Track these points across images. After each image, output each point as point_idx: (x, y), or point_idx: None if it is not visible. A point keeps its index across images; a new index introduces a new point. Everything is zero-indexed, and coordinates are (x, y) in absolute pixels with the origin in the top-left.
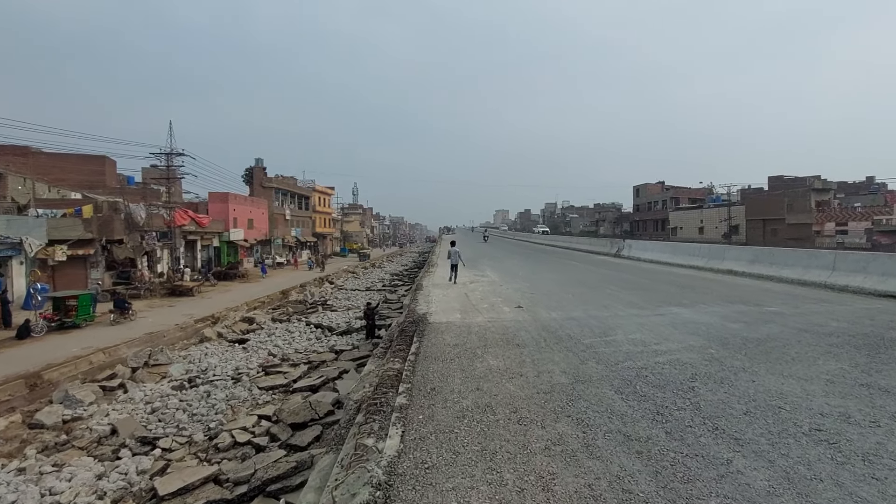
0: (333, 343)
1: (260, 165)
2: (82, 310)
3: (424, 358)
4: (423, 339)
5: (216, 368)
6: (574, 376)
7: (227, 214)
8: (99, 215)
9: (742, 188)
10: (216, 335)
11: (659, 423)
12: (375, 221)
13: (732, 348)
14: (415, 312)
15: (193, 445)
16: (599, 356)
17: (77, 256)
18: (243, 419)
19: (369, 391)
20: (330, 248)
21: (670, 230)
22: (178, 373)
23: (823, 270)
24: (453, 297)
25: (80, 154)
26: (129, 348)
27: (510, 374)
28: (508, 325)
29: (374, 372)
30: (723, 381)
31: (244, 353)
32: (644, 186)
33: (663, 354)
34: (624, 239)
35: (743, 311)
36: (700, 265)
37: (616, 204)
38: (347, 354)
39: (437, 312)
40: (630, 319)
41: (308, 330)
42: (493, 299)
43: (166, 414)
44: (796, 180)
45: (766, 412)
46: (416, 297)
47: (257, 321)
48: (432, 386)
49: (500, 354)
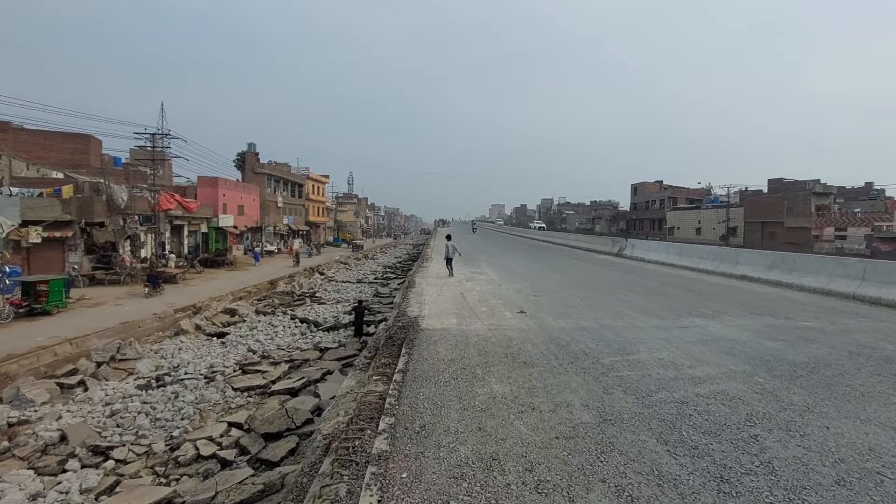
0: (319, 340)
1: (252, 150)
2: (53, 296)
3: (414, 378)
4: (414, 350)
5: (189, 366)
6: (600, 412)
7: (217, 200)
8: (79, 196)
9: (740, 190)
10: (194, 328)
11: (728, 497)
12: (370, 212)
13: (783, 376)
14: (405, 315)
15: (152, 457)
16: (626, 383)
17: (54, 239)
18: (211, 427)
19: (343, 423)
20: (323, 237)
21: (667, 230)
22: (146, 369)
23: (851, 280)
24: (448, 298)
25: (63, 132)
26: (100, 339)
27: (519, 407)
28: (512, 336)
29: (352, 393)
30: (789, 427)
31: (222, 349)
32: (642, 185)
33: (703, 383)
34: (626, 238)
35: (776, 326)
36: (710, 269)
37: (612, 202)
38: (333, 353)
39: (430, 316)
40: (651, 332)
41: (293, 324)
42: (493, 301)
43: (126, 418)
44: (796, 183)
45: (865, 481)
46: (407, 296)
47: (240, 313)
48: (422, 422)
49: (504, 376)
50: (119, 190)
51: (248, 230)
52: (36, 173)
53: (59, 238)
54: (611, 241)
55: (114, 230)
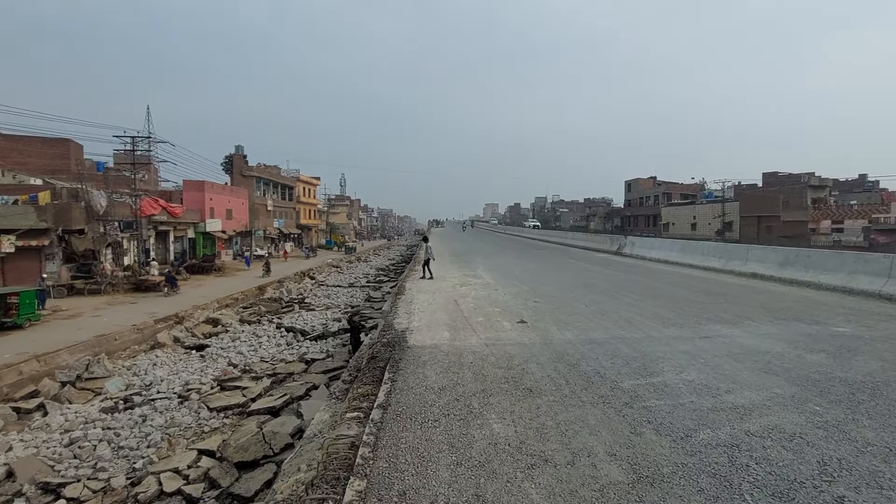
0: (305, 350)
1: (240, 153)
2: (24, 308)
3: (396, 416)
4: (398, 374)
5: (162, 383)
6: (632, 465)
7: (203, 204)
8: (55, 203)
9: (734, 184)
10: (172, 340)
11: None
12: (363, 213)
13: (842, 402)
14: (392, 328)
15: (109, 494)
16: (656, 417)
17: (30, 248)
18: (180, 456)
19: (303, 485)
20: (315, 240)
21: (662, 226)
22: (115, 389)
23: (876, 277)
24: (440, 306)
25: (41, 137)
26: (71, 354)
27: (528, 459)
28: (513, 353)
29: (320, 437)
30: (879, 482)
31: (201, 363)
32: (636, 181)
33: (750, 416)
34: (626, 235)
35: (809, 334)
36: (717, 266)
37: (606, 199)
38: (320, 365)
39: (419, 329)
40: (671, 345)
41: (278, 334)
42: (490, 309)
43: (85, 448)
44: (791, 177)
45: None
46: (396, 305)
47: (223, 322)
48: (402, 486)
49: (507, 410)
50: (98, 196)
51: (237, 235)
52: (12, 180)
53: (36, 247)
54: (609, 238)
55: (93, 237)
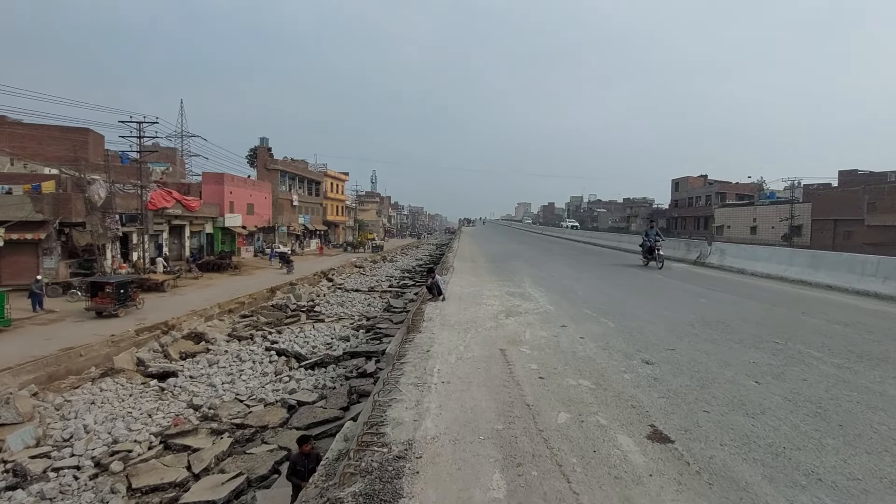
0: (294, 387)
1: (264, 145)
2: None
3: None
4: None
5: (86, 437)
6: None
7: (223, 197)
8: (53, 193)
9: (801, 183)
10: (134, 364)
11: None
12: (393, 211)
13: None
14: (381, 441)
15: None
16: None
17: (25, 241)
18: None
19: None
20: (342, 237)
21: (715, 228)
22: (18, 445)
23: None
24: (477, 365)
25: (60, 125)
26: (15, 377)
27: None
28: None
29: None
30: None
31: (154, 402)
32: (684, 180)
33: None
34: (709, 241)
35: None
36: (883, 292)
37: (647, 199)
38: (306, 413)
39: (435, 452)
40: None
41: (266, 358)
42: (570, 382)
43: None
44: (873, 175)
45: None
46: (402, 357)
47: (207, 338)
48: None
49: None
50: (97, 185)
51: (259, 230)
52: (23, 169)
53: (32, 240)
54: (685, 244)
55: (92, 231)
